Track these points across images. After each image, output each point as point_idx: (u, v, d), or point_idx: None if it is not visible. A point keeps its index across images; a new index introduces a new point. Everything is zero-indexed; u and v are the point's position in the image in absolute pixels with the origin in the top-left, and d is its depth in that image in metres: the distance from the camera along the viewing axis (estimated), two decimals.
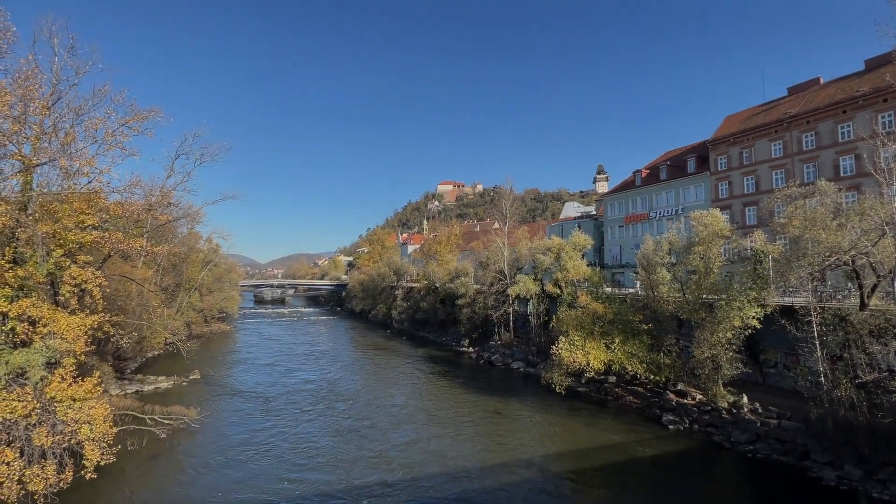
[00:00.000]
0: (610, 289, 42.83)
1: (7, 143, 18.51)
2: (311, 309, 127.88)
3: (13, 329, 18.00)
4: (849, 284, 26.60)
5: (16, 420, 17.02)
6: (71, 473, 17.89)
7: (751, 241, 29.34)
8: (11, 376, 17.74)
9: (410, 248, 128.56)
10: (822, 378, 22.88)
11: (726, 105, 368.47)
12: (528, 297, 48.59)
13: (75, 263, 20.33)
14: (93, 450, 17.97)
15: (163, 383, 38.26)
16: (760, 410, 26.60)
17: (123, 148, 21.90)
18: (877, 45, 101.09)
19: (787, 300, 27.97)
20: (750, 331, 26.67)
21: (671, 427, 27.40)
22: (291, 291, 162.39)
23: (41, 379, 17.99)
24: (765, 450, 23.49)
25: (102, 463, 18.19)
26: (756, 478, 21.46)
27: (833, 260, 22.70)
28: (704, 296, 29.55)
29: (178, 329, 46.48)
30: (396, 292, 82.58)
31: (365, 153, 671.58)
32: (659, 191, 58.78)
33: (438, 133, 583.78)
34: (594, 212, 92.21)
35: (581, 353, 31.40)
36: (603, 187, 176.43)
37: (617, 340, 31.96)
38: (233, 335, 71.28)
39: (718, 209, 35.14)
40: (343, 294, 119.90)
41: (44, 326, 18.15)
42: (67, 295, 19.95)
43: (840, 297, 27.12)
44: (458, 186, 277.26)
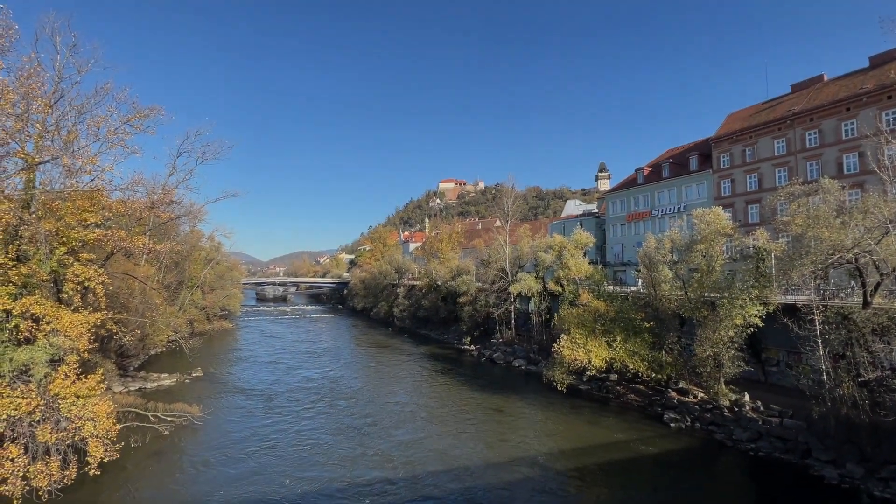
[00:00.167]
0: (612, 287, 42.85)
1: (10, 141, 18.60)
2: (313, 307, 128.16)
3: (17, 326, 18.10)
4: (852, 283, 26.51)
5: (20, 417, 17.14)
6: (75, 470, 18.03)
7: (753, 240, 29.26)
8: (16, 373, 17.85)
9: (412, 246, 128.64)
10: (825, 376, 22.85)
11: (729, 102, 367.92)
12: (530, 295, 48.59)
13: (78, 261, 20.44)
14: (96, 446, 18.10)
15: (165, 380, 38.43)
16: (762, 409, 26.58)
17: (125, 146, 22.03)
18: (881, 42, 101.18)
19: (790, 298, 27.91)
20: (752, 329, 26.65)
21: (673, 425, 27.41)
22: (293, 289, 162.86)
23: (45, 376, 18.09)
24: (766, 448, 23.47)
25: (106, 459, 18.32)
26: (758, 476, 21.47)
27: (836, 258, 22.64)
28: (706, 294, 29.54)
29: (181, 327, 46.66)
30: (398, 290, 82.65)
31: (367, 151, 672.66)
32: (661, 189, 58.63)
33: (440, 131, 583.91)
34: (596, 210, 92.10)
35: (583, 351, 31.42)
36: (605, 185, 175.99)
37: (619, 338, 31.96)
38: (235, 333, 71.48)
39: (721, 207, 35.03)
40: (345, 292, 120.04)
41: (47, 324, 18.27)
42: (71, 292, 20.06)
43: (843, 296, 27.05)
44: (460, 184, 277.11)
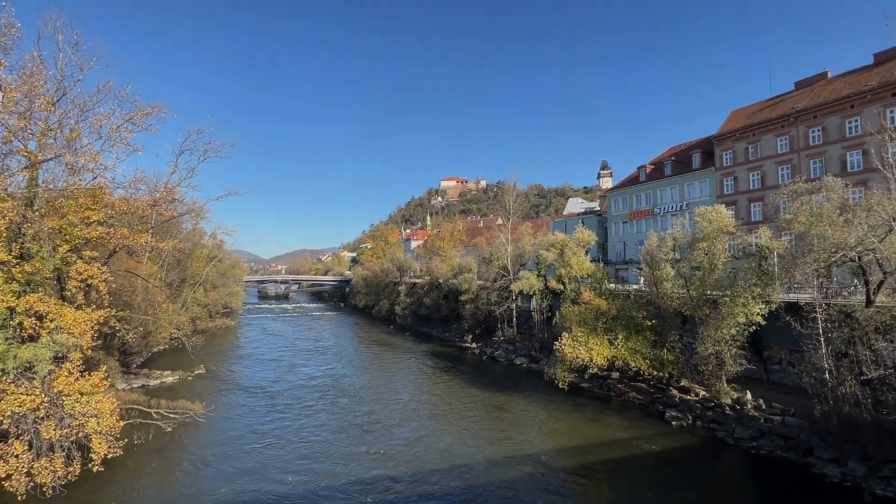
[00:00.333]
0: (613, 285, 42.78)
1: (13, 139, 18.67)
2: (315, 304, 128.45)
3: (21, 324, 18.19)
4: (855, 281, 26.46)
5: (24, 413, 17.25)
6: (79, 466, 18.16)
7: (756, 237, 29.16)
8: (20, 370, 17.96)
9: (414, 244, 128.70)
10: (827, 375, 22.82)
11: (732, 100, 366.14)
12: (532, 293, 48.57)
13: (81, 259, 20.50)
14: (100, 443, 18.21)
15: (168, 378, 38.61)
16: (764, 407, 26.55)
17: (128, 144, 22.08)
18: (886, 39, 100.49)
19: (792, 296, 27.86)
20: (754, 327, 26.61)
21: (674, 423, 27.42)
22: (295, 287, 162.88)
23: (49, 373, 18.19)
24: (768, 446, 23.47)
25: (109, 456, 18.44)
26: (759, 474, 21.47)
27: (839, 256, 22.58)
28: (708, 292, 29.48)
29: (183, 324, 46.87)
30: (400, 288, 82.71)
31: (368, 149, 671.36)
32: (663, 186, 58.43)
33: (442, 128, 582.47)
34: (598, 208, 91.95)
35: (584, 350, 31.43)
36: (607, 183, 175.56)
37: (620, 336, 31.95)
38: (237, 330, 71.71)
39: (723, 205, 34.97)
40: (346, 290, 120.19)
41: (51, 321, 18.34)
42: (74, 290, 20.15)
43: (845, 294, 26.98)
44: (462, 182, 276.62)
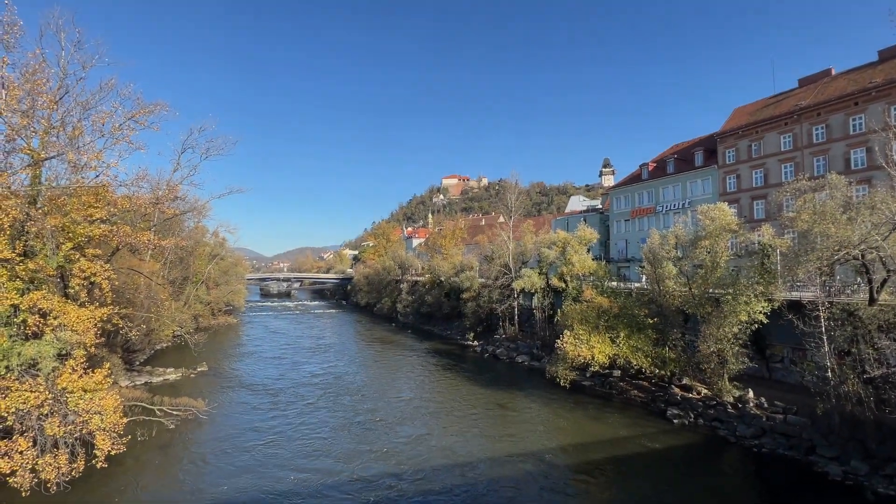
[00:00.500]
0: (615, 283, 42.72)
1: (16, 137, 18.72)
2: (317, 302, 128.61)
3: (25, 321, 18.28)
4: (858, 279, 26.35)
5: (28, 410, 17.33)
6: (82, 462, 18.26)
7: (758, 235, 29.06)
8: (24, 367, 18.05)
9: (415, 242, 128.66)
10: (830, 373, 22.76)
11: (735, 97, 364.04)
12: (533, 291, 48.54)
13: (84, 257, 20.56)
14: (104, 440, 18.31)
15: (171, 375, 38.77)
16: (766, 405, 26.50)
17: (130, 142, 22.04)
18: (891, 36, 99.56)
19: (795, 295, 27.74)
20: (756, 325, 26.55)
21: (676, 421, 27.41)
22: (297, 285, 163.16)
23: (53, 370, 18.28)
24: (770, 444, 23.45)
25: (113, 452, 18.54)
26: (761, 472, 21.46)
27: (842, 254, 22.49)
28: (711, 290, 29.42)
29: (186, 322, 46.98)
30: (401, 286, 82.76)
31: (370, 147, 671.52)
32: (666, 184, 58.24)
33: (444, 126, 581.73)
34: (600, 206, 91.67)
35: (586, 347, 31.41)
36: (609, 181, 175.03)
37: (622, 334, 31.93)
38: (239, 328, 71.90)
39: (726, 203, 34.86)
40: (348, 288, 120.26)
41: (54, 318, 18.42)
42: (77, 288, 20.21)
43: (849, 292, 26.87)
44: (463, 180, 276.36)
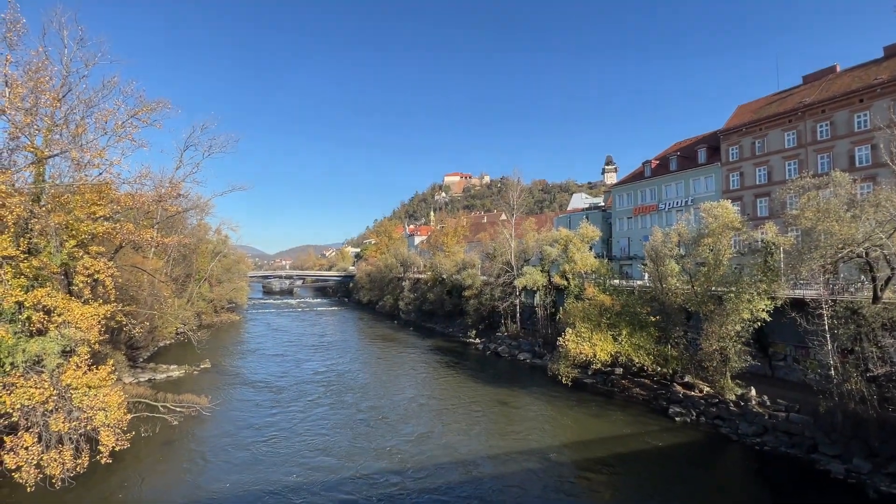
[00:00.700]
0: (617, 281, 42.67)
1: (20, 135, 18.78)
2: (319, 300, 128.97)
3: (29, 318, 18.39)
4: (861, 277, 26.23)
5: (34, 406, 17.46)
6: (87, 458, 18.37)
7: (762, 233, 28.97)
8: (29, 364, 18.16)
9: (417, 240, 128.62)
10: (832, 371, 22.69)
11: (739, 94, 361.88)
12: (535, 289, 48.51)
13: (88, 254, 20.68)
14: (108, 436, 18.43)
15: (174, 372, 38.96)
16: (768, 403, 26.45)
17: (133, 139, 22.13)
18: None
19: (798, 293, 27.66)
20: (759, 323, 26.48)
21: (678, 419, 27.40)
22: (299, 282, 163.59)
23: (57, 367, 18.38)
24: (772, 442, 23.42)
25: (117, 448, 18.65)
26: (763, 470, 21.44)
27: (846, 252, 22.39)
28: (713, 288, 29.34)
29: (189, 319, 47.23)
30: (403, 283, 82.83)
31: (372, 144, 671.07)
32: (668, 182, 58.05)
33: (446, 124, 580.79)
34: (602, 203, 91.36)
35: (588, 345, 31.39)
36: (611, 178, 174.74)
37: (624, 332, 31.89)
38: (242, 325, 72.18)
39: (729, 200, 34.66)
40: (350, 285, 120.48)
41: (58, 315, 18.53)
42: (81, 285, 20.30)
43: (852, 290, 26.78)
44: (466, 178, 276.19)
